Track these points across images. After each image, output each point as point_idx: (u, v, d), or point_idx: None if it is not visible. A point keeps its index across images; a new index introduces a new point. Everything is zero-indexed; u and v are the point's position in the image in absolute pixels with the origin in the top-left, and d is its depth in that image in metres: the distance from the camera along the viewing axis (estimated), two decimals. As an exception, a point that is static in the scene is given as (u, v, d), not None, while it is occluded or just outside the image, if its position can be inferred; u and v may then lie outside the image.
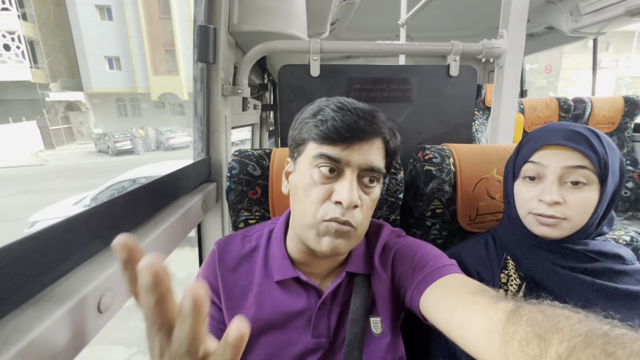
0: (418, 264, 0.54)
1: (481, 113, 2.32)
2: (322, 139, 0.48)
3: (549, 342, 0.28)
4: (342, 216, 0.47)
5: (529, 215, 0.61)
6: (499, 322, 0.35)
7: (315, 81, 1.00)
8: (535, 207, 0.59)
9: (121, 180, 5.44)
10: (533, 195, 0.60)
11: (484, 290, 0.43)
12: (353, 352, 0.53)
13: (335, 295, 0.57)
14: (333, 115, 0.48)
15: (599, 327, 0.27)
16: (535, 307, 0.33)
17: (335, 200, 0.47)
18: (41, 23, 17.96)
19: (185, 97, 19.39)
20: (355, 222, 0.48)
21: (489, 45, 1.01)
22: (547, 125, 0.62)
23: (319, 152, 0.48)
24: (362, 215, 0.50)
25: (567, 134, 0.57)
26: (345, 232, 0.48)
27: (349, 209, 0.47)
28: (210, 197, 0.90)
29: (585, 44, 2.33)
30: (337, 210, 0.47)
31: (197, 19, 0.84)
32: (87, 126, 19.71)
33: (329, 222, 0.48)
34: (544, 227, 0.59)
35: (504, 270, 0.65)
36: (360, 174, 0.49)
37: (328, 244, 0.48)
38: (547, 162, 0.58)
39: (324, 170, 0.48)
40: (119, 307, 0.46)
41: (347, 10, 2.06)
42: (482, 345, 0.36)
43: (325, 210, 0.48)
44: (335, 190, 0.48)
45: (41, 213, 5.27)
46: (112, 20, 18.33)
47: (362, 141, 0.48)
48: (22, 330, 0.32)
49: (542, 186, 0.59)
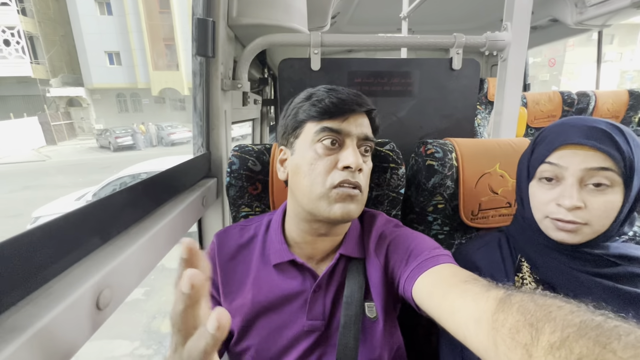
0: (412, 252, 0.55)
1: (483, 107, 2.30)
2: (322, 115, 0.53)
3: (540, 331, 0.28)
4: (352, 178, 0.52)
5: (546, 220, 0.56)
6: (489, 309, 0.35)
7: (316, 75, 0.99)
8: (553, 211, 0.55)
9: (122, 176, 5.45)
10: (551, 199, 0.55)
11: (476, 279, 0.43)
12: (348, 334, 0.54)
13: (331, 278, 0.59)
14: (327, 94, 0.54)
15: (592, 318, 0.26)
16: (526, 296, 0.33)
17: (342, 165, 0.52)
18: (41, 18, 17.86)
19: (186, 92, 19.32)
20: (362, 184, 0.53)
21: (493, 38, 0.99)
22: (565, 120, 0.57)
23: (321, 126, 0.53)
24: (365, 180, 0.55)
25: (588, 131, 0.52)
26: (355, 196, 0.52)
27: (356, 171, 0.52)
28: (211, 193, 0.90)
29: (590, 37, 2.30)
30: (345, 174, 0.52)
31: (196, 12, 0.83)
32: (88, 122, 19.71)
33: (339, 188, 0.52)
34: (562, 233, 0.54)
35: (517, 273, 0.61)
36: (358, 143, 0.55)
37: (341, 209, 0.52)
38: (567, 164, 0.53)
39: (327, 143, 0.53)
40: (117, 304, 0.46)
41: (348, 3, 2.03)
42: (471, 331, 0.36)
43: (334, 177, 0.52)
44: (341, 159, 0.53)
45: (44, 208, 5.29)
46: (111, 14, 18.19)
47: (356, 114, 0.55)
48: (20, 327, 0.32)
49: (560, 189, 0.54)
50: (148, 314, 3.37)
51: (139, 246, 0.51)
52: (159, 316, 3.32)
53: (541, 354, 0.27)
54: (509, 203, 0.79)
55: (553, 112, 2.08)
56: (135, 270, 0.50)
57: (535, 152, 0.59)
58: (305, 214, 0.56)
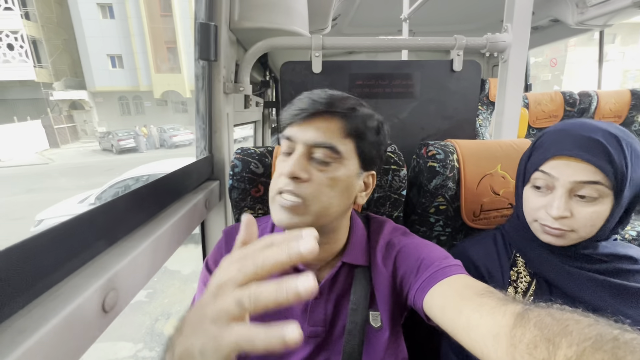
0: (423, 263, 0.54)
1: (485, 108, 2.30)
2: (286, 121, 0.54)
3: (557, 346, 0.28)
4: (286, 186, 0.50)
5: (535, 223, 0.60)
6: (507, 324, 0.34)
7: (317, 78, 0.99)
8: (542, 217, 0.58)
9: (125, 179, 5.48)
10: (540, 205, 0.58)
11: (491, 292, 0.42)
12: (353, 340, 0.54)
13: (333, 285, 0.58)
14: (296, 101, 0.53)
15: (609, 332, 0.27)
16: (544, 310, 0.33)
17: (281, 173, 0.52)
18: (44, 22, 18.01)
19: (188, 94, 19.41)
20: (302, 194, 0.49)
21: (493, 39, 1.00)
22: (565, 126, 0.57)
23: (283, 134, 0.54)
24: (313, 190, 0.50)
25: (583, 143, 0.53)
26: (294, 206, 0.49)
27: (293, 180, 0.50)
28: (213, 195, 0.91)
29: (592, 37, 2.29)
30: (286, 182, 0.50)
31: (198, 16, 0.83)
32: (91, 125, 19.82)
33: (279, 196, 0.51)
34: (549, 236, 0.58)
35: (513, 267, 0.64)
36: (310, 150, 0.51)
37: (279, 215, 0.51)
38: (558, 174, 0.55)
39: (282, 149, 0.54)
40: (123, 306, 0.46)
41: (349, 6, 2.04)
42: (490, 347, 0.36)
43: (278, 183, 0.52)
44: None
45: (47, 211, 5.32)
46: (113, 18, 18.33)
47: (314, 119, 0.51)
48: (27, 331, 0.32)
49: (550, 198, 0.57)
50: (151, 316, 3.38)
51: (144, 248, 0.52)
52: (162, 318, 3.32)
53: None
54: (510, 204, 0.79)
55: (555, 113, 2.08)
56: (140, 272, 0.51)
57: (532, 158, 0.61)
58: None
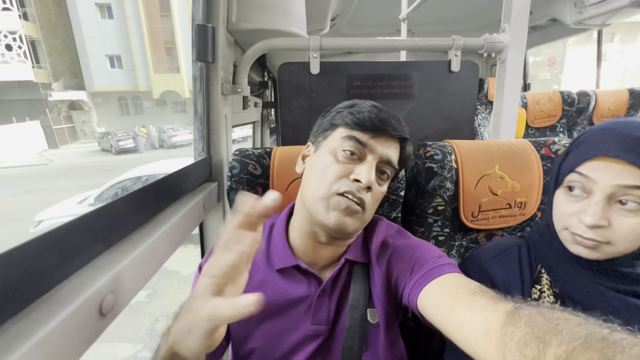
0: (417, 262, 0.55)
1: (484, 107, 2.30)
2: (355, 125, 0.54)
3: (547, 344, 0.28)
4: (357, 192, 0.51)
5: (565, 231, 0.52)
6: (498, 322, 0.35)
7: (315, 78, 0.99)
8: (574, 225, 0.50)
9: (124, 179, 5.47)
10: (573, 212, 0.50)
11: (484, 291, 0.43)
12: (353, 337, 0.54)
13: (335, 282, 0.59)
14: (369, 109, 0.55)
15: (599, 331, 0.27)
16: (534, 309, 0.33)
17: (354, 177, 0.51)
18: (42, 22, 17.98)
19: (187, 94, 19.40)
20: (366, 202, 0.52)
21: (491, 39, 1.00)
22: (608, 125, 0.50)
23: (350, 134, 0.54)
24: (372, 201, 0.53)
25: (629, 143, 0.46)
26: (354, 211, 0.51)
27: (364, 188, 0.51)
28: (212, 197, 0.91)
29: (590, 36, 2.29)
30: (353, 186, 0.51)
31: (195, 17, 0.83)
32: (90, 125, 19.80)
33: (341, 197, 0.51)
34: (579, 247, 0.50)
35: (536, 285, 0.57)
36: (378, 164, 0.54)
37: (336, 218, 0.51)
38: (597, 177, 0.47)
39: (348, 151, 0.53)
40: (121, 309, 0.46)
41: (347, 6, 2.04)
42: (480, 345, 0.36)
43: (341, 184, 0.52)
44: (355, 171, 0.52)
45: (46, 212, 5.31)
46: (112, 18, 18.31)
47: (388, 136, 0.54)
48: (24, 334, 0.32)
49: (585, 203, 0.49)
50: (151, 316, 3.38)
51: (142, 251, 0.52)
52: (162, 319, 3.32)
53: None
54: (508, 204, 0.79)
55: (553, 112, 2.08)
56: (138, 274, 0.51)
57: (568, 158, 0.53)
58: (307, 214, 0.56)
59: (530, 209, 0.80)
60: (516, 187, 0.78)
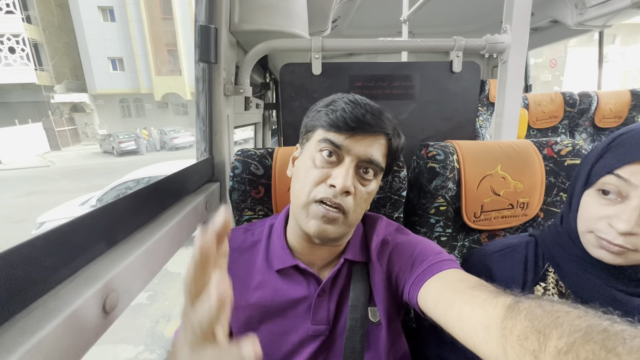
0: (417, 258, 0.55)
1: (485, 109, 2.30)
2: (330, 126, 0.52)
3: (548, 337, 0.28)
4: (334, 198, 0.50)
5: (589, 234, 0.50)
6: (498, 316, 0.35)
7: (317, 79, 0.99)
8: (602, 230, 0.48)
9: (125, 181, 5.48)
10: (603, 215, 0.48)
11: (483, 285, 0.43)
12: (354, 337, 0.54)
13: (334, 282, 0.59)
14: (344, 107, 0.52)
15: (599, 323, 0.27)
16: (534, 302, 0.33)
17: (330, 183, 0.50)
18: (45, 25, 18.09)
19: (188, 97, 19.46)
20: (346, 207, 0.51)
21: (492, 40, 1.00)
22: None
23: (324, 137, 0.52)
24: (355, 204, 0.52)
25: None
26: (333, 218, 0.50)
27: (341, 193, 0.50)
28: (214, 197, 0.91)
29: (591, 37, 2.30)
30: (329, 192, 0.50)
31: (198, 19, 0.84)
32: (92, 127, 19.88)
33: (319, 205, 0.50)
34: (604, 252, 0.48)
35: (540, 283, 0.56)
36: (358, 164, 0.52)
37: (315, 226, 0.51)
38: (638, 182, 0.45)
39: (325, 154, 0.52)
40: (124, 308, 0.46)
41: (349, 8, 2.04)
42: (481, 339, 0.36)
43: (318, 191, 0.51)
44: (332, 175, 0.51)
45: (48, 214, 5.33)
46: (114, 21, 18.41)
47: (366, 134, 0.51)
48: (28, 332, 0.32)
49: (619, 208, 0.47)
50: (152, 318, 3.37)
51: (144, 250, 0.52)
52: (163, 320, 3.32)
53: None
54: (511, 205, 0.79)
55: (555, 113, 2.08)
56: (141, 274, 0.51)
57: (604, 158, 0.50)
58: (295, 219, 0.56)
59: (533, 210, 0.80)
60: (518, 188, 0.78)
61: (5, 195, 8.77)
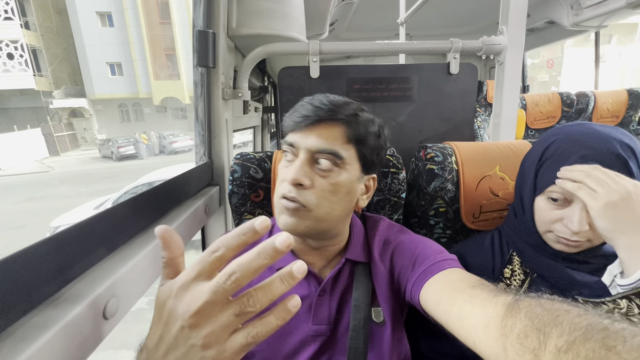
0: (418, 258, 0.55)
1: (483, 110, 2.31)
2: (288, 128, 0.55)
3: (548, 336, 0.28)
4: (289, 192, 0.51)
5: (549, 234, 0.58)
6: (498, 314, 0.35)
7: (315, 83, 1.00)
8: (560, 230, 0.56)
9: (138, 185, 5.47)
10: (557, 218, 0.56)
11: (484, 284, 0.43)
12: (358, 337, 0.54)
13: (336, 282, 0.59)
14: (299, 107, 0.54)
15: (599, 322, 0.27)
16: (534, 301, 0.33)
17: (283, 179, 0.53)
18: (43, 31, 18.14)
19: (187, 101, 19.47)
20: (304, 201, 0.51)
21: (489, 42, 1.00)
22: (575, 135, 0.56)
23: (285, 140, 0.55)
24: (316, 197, 0.51)
25: (603, 157, 0.52)
26: (296, 210, 0.51)
27: (293, 185, 0.51)
28: (213, 201, 0.91)
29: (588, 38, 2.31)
30: (287, 187, 0.51)
31: (196, 23, 0.84)
32: (91, 132, 19.89)
33: (281, 200, 0.52)
34: (562, 246, 0.57)
35: (508, 266, 0.64)
36: (313, 156, 0.52)
37: (284, 220, 0.52)
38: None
39: (285, 155, 0.55)
40: (124, 313, 0.46)
41: (346, 11, 2.05)
42: (481, 337, 0.36)
43: (280, 188, 0.53)
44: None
45: (62, 218, 5.28)
46: (113, 26, 18.45)
47: (316, 125, 0.52)
48: (28, 339, 0.32)
49: (568, 211, 0.55)
50: (152, 323, 3.36)
51: (144, 255, 0.52)
52: (163, 325, 3.30)
53: (549, 358, 0.27)
54: (510, 205, 0.79)
55: (552, 113, 2.09)
56: (141, 279, 0.51)
57: (544, 167, 0.58)
58: None
59: (532, 210, 0.80)
60: (517, 188, 0.79)
61: (5, 201, 8.75)
